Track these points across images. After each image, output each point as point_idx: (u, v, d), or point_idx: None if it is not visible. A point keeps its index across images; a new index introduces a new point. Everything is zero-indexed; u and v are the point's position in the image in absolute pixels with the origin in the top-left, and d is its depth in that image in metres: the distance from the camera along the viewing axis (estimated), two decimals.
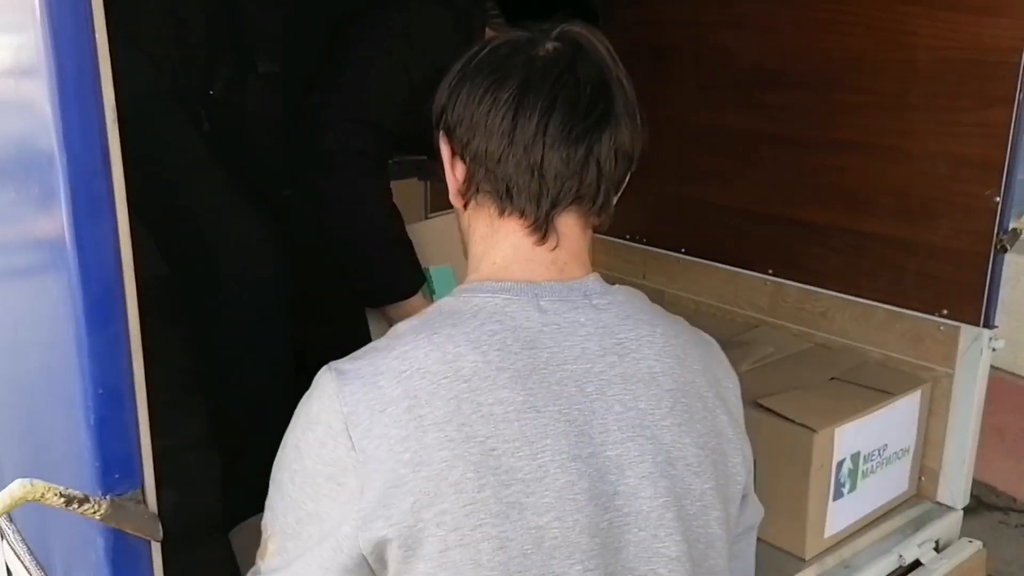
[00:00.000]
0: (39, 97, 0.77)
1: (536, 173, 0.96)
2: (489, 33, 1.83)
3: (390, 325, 1.12)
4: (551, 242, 0.99)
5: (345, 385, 0.89)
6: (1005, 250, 1.78)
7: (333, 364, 0.93)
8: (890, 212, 1.92)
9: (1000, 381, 3.29)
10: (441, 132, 1.03)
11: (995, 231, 1.77)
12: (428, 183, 2.36)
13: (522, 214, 0.99)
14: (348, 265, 1.80)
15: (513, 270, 0.99)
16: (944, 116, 1.80)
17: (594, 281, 1.02)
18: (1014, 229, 1.79)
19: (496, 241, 1.01)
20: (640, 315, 1.02)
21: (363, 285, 1.82)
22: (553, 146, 0.95)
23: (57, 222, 0.78)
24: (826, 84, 1.97)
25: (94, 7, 0.72)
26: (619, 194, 1.06)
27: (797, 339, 2.12)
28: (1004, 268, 1.82)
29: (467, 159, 1.00)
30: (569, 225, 1.01)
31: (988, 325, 1.83)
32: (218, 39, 1.73)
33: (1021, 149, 1.74)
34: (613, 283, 1.03)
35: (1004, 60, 1.69)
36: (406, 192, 2.15)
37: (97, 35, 0.74)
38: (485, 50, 1.01)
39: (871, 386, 1.88)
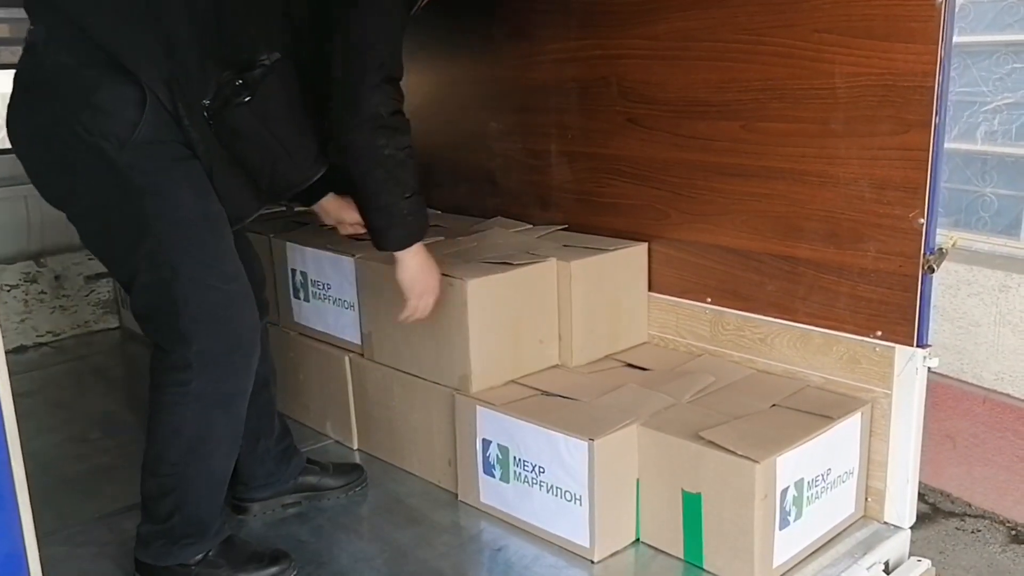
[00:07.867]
0: None
1: None
2: None
3: None
4: None
5: None
6: (932, 271, 1.80)
7: None
8: (819, 237, 1.94)
9: (948, 388, 3.32)
10: None
11: (922, 252, 1.79)
12: None
13: None
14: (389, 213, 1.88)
15: None
16: (865, 141, 1.82)
17: None
18: (940, 249, 1.81)
19: None
20: None
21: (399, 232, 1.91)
22: None
23: None
24: (750, 113, 1.99)
25: None
26: None
27: (738, 366, 2.13)
28: (944, 277, 1.83)
29: None
30: None
31: (921, 345, 1.84)
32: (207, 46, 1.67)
33: (941, 171, 1.77)
34: None
35: (919, 84, 1.72)
36: None
37: None
38: None
39: (812, 411, 1.89)
